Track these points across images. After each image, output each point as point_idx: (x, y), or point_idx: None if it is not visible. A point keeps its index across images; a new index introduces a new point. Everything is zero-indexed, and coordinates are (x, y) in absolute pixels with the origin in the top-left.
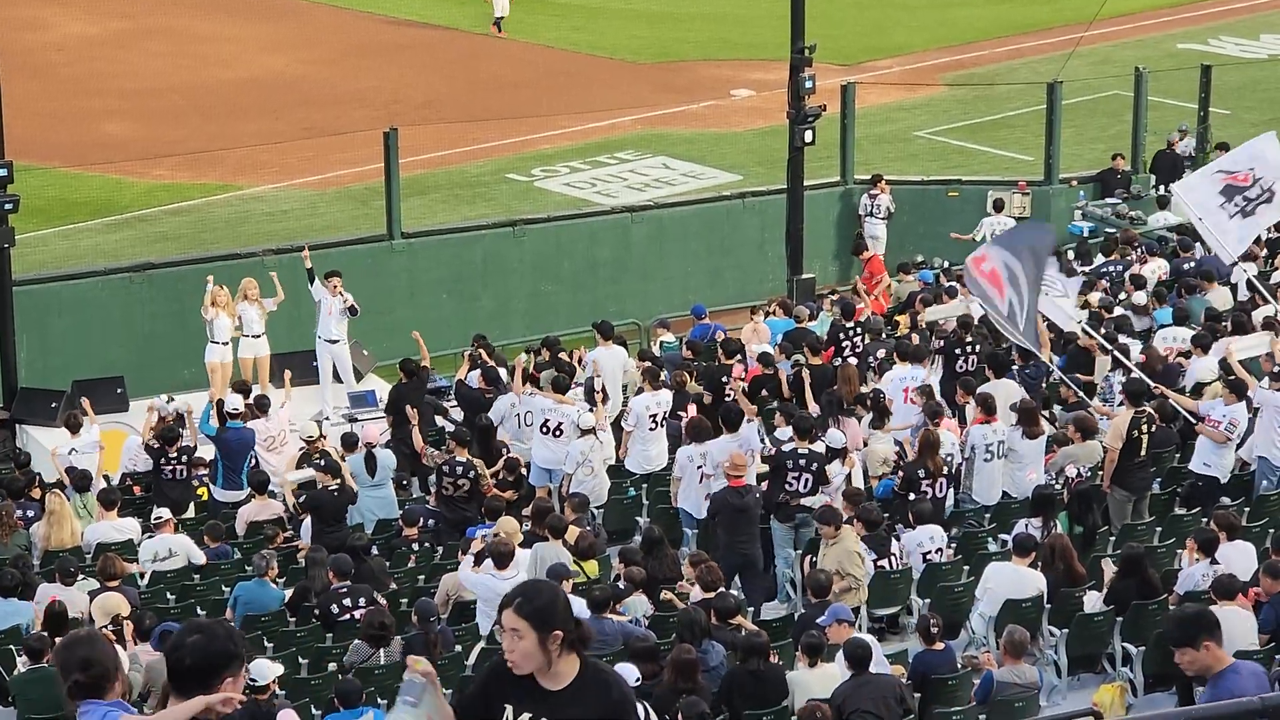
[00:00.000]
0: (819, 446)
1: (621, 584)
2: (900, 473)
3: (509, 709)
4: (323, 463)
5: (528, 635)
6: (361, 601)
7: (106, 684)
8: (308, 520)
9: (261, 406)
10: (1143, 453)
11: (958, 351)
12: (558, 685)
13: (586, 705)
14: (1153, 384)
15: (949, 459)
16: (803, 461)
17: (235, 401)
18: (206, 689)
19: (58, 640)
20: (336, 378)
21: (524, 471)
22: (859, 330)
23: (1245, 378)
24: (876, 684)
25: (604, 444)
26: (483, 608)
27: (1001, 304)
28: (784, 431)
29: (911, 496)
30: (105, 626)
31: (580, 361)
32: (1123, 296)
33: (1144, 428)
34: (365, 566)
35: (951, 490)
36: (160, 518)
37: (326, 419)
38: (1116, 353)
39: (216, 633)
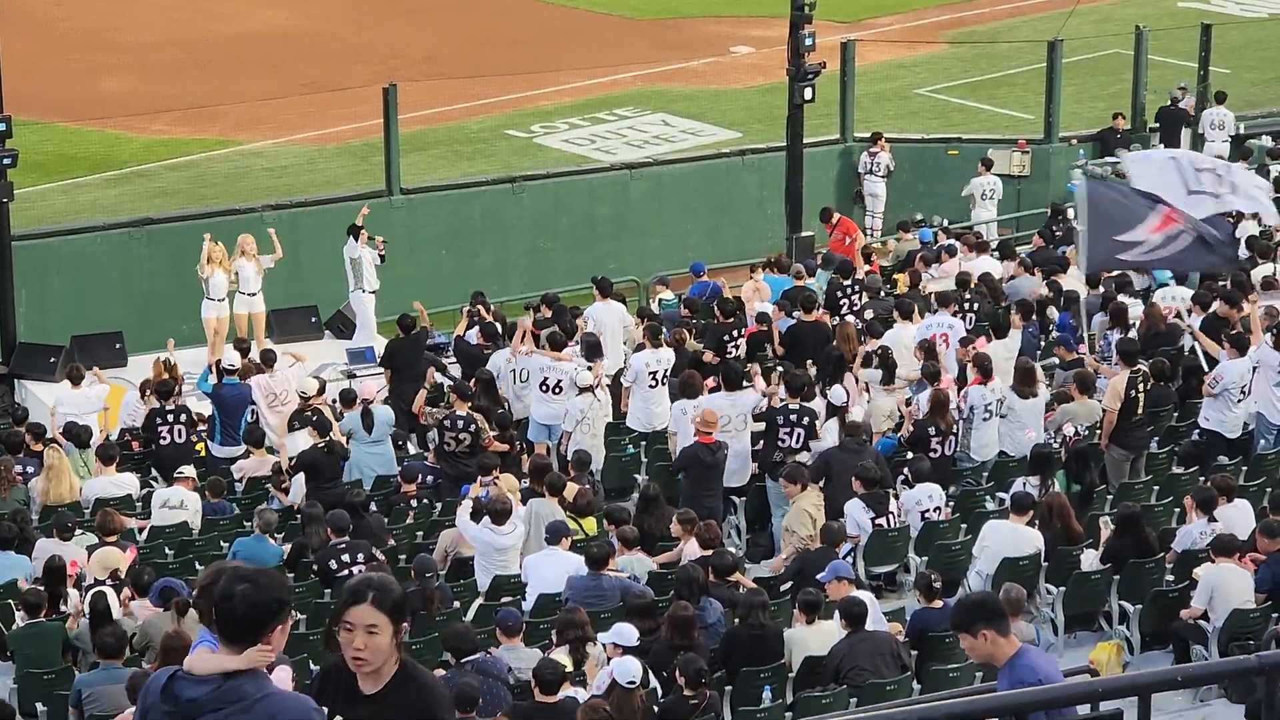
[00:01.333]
0: (812, 403)
1: (615, 543)
2: (912, 429)
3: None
4: (314, 419)
5: (385, 630)
6: (360, 557)
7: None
8: (300, 478)
9: (268, 361)
10: (1140, 411)
11: (956, 310)
12: (376, 686)
13: (401, 708)
14: (1185, 324)
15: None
16: (794, 417)
17: (232, 357)
18: (257, 639)
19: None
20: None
21: (514, 431)
22: (857, 288)
23: (1256, 332)
24: (873, 641)
25: (602, 402)
26: (481, 562)
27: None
28: (782, 389)
29: (910, 455)
30: (104, 581)
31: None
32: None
33: (1140, 387)
34: (364, 523)
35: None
36: (183, 473)
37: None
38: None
39: (262, 581)
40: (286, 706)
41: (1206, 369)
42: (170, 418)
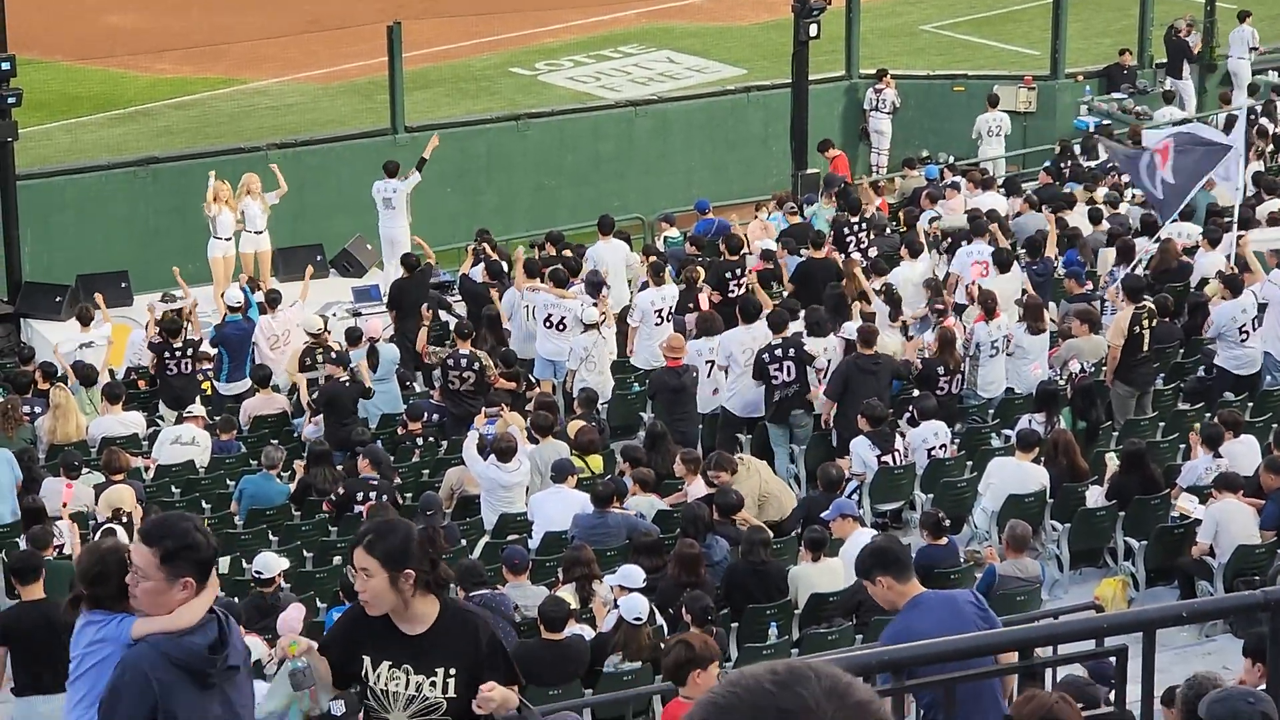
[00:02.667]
0: (825, 339)
1: (629, 483)
2: (920, 366)
3: (367, 660)
4: (333, 355)
5: (377, 574)
6: (384, 499)
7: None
8: (305, 417)
9: (272, 301)
10: (1145, 348)
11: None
12: (417, 629)
13: (453, 649)
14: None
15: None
16: (779, 352)
17: (235, 294)
18: (208, 579)
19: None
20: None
21: (520, 368)
22: (863, 226)
23: (1257, 269)
24: None
25: (607, 339)
26: (487, 499)
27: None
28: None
29: (916, 393)
30: (108, 520)
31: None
32: (1130, 194)
33: (1145, 323)
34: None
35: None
36: (192, 412)
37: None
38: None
39: (201, 524)
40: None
41: None
42: (178, 353)
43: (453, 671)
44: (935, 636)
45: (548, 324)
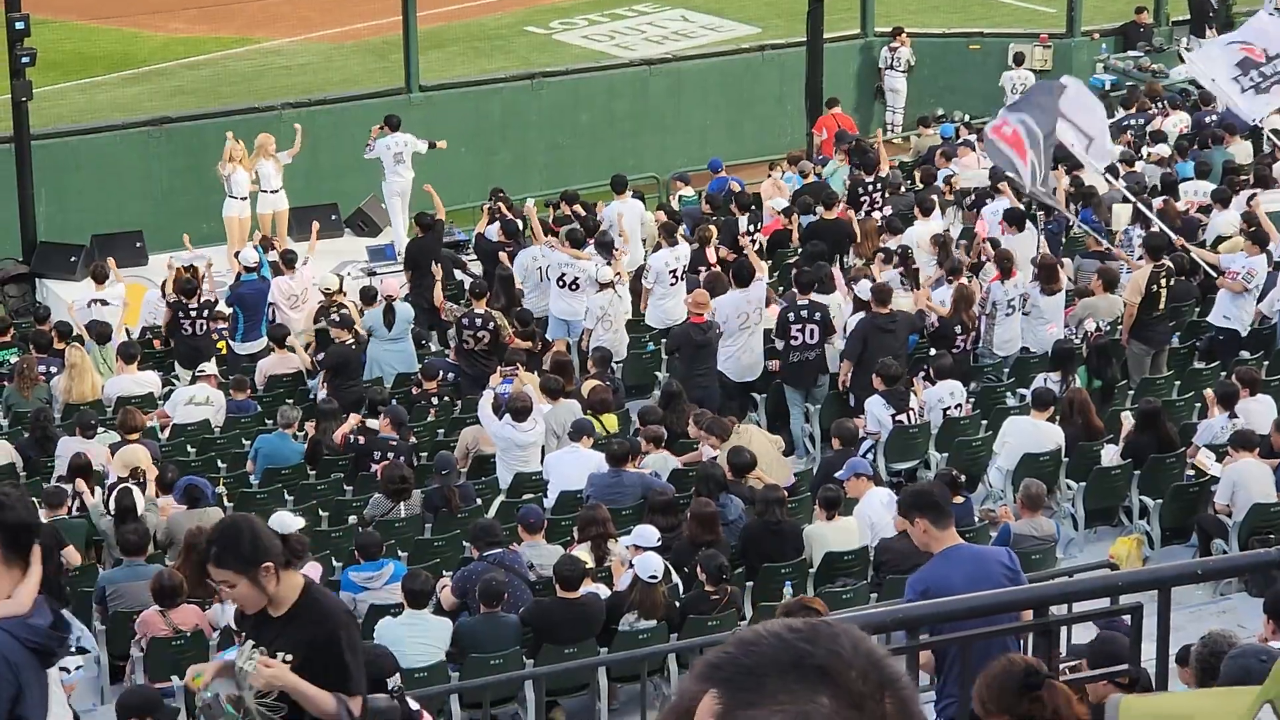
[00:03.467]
0: (831, 297)
1: (642, 442)
2: (936, 324)
3: (241, 635)
4: (337, 318)
5: (238, 580)
6: (402, 460)
7: None
8: (319, 379)
9: (288, 262)
10: (1161, 306)
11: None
12: (279, 611)
13: (294, 636)
14: (1174, 237)
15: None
16: (804, 313)
17: (250, 254)
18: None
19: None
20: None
21: (536, 328)
22: (879, 186)
23: (1270, 229)
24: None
25: (623, 298)
26: (502, 458)
27: (1024, 168)
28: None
29: (933, 351)
30: (124, 479)
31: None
32: (1146, 152)
33: (1163, 282)
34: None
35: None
36: (204, 371)
37: (347, 274)
38: (1140, 205)
39: (26, 494)
40: None
41: (1210, 270)
42: (193, 312)
43: (288, 658)
44: (957, 589)
45: (560, 284)
